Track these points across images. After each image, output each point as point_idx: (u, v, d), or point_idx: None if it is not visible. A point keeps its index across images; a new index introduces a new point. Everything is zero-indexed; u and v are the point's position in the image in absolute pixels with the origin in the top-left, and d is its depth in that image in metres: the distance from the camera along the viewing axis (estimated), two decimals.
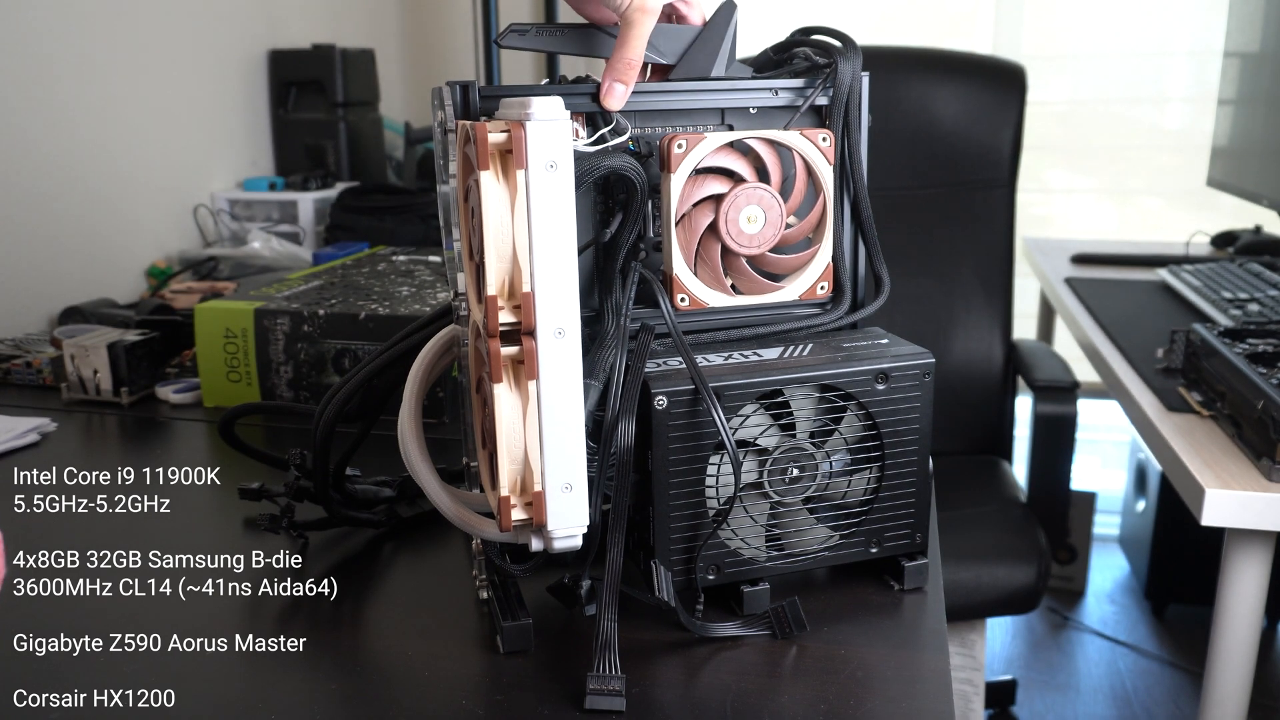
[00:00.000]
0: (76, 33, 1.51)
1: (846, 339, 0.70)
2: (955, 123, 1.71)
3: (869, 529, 0.68)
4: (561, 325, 0.55)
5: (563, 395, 0.55)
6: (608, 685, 0.57)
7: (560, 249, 0.54)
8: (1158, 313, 1.52)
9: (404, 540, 0.80)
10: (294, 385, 1.06)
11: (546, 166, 0.53)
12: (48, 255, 1.44)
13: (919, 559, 0.69)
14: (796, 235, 0.69)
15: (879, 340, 0.69)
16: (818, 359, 0.66)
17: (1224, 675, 1.00)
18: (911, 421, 0.67)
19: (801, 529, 0.67)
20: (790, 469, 0.65)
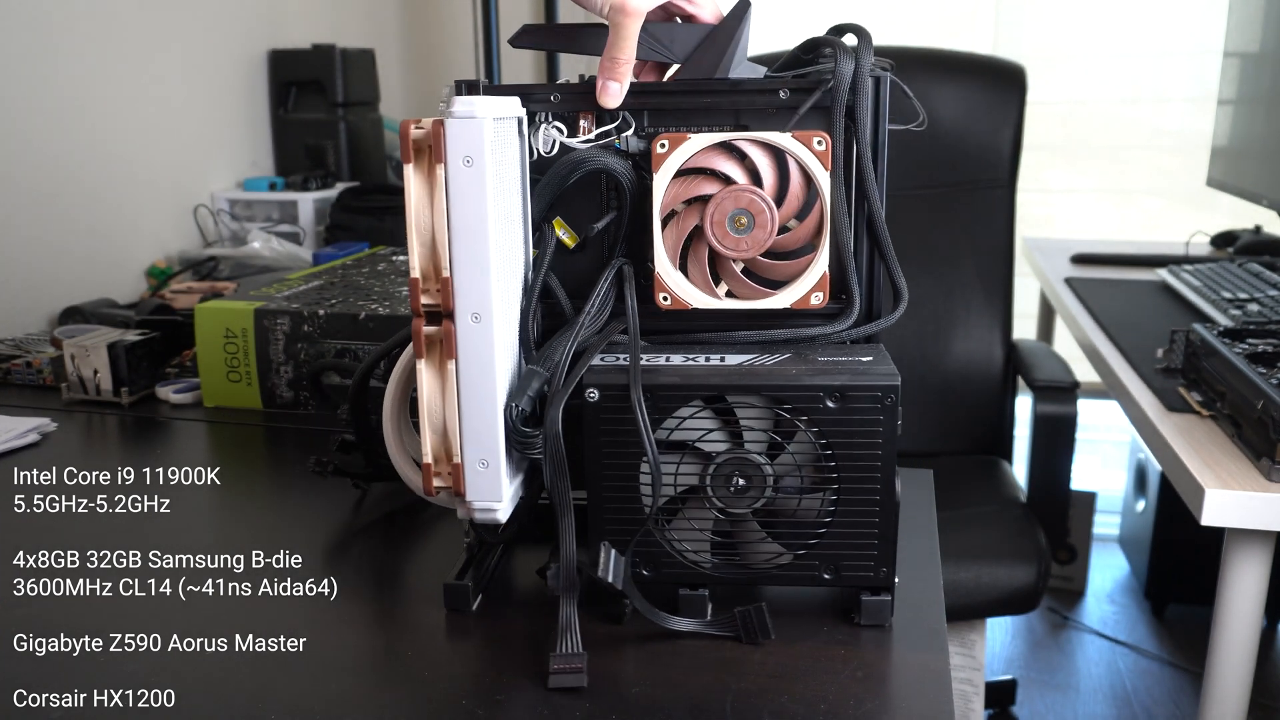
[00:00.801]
0: (76, 33, 1.51)
1: (831, 352, 0.66)
2: (955, 123, 1.71)
3: (823, 554, 0.64)
4: (477, 310, 0.59)
5: (478, 376, 0.60)
6: (569, 664, 0.59)
7: (475, 238, 0.58)
8: (1158, 313, 1.52)
9: (405, 540, 0.80)
10: (294, 385, 1.06)
11: (462, 161, 0.57)
12: (48, 255, 1.44)
13: (882, 594, 0.64)
14: (792, 241, 0.67)
15: (862, 357, 0.64)
16: (775, 369, 0.63)
17: (1224, 675, 1.00)
18: (870, 446, 0.62)
19: (749, 541, 0.64)
20: (735, 478, 0.63)
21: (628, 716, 0.56)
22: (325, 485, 0.93)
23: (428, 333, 0.59)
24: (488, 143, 0.57)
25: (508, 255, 0.63)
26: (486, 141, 0.57)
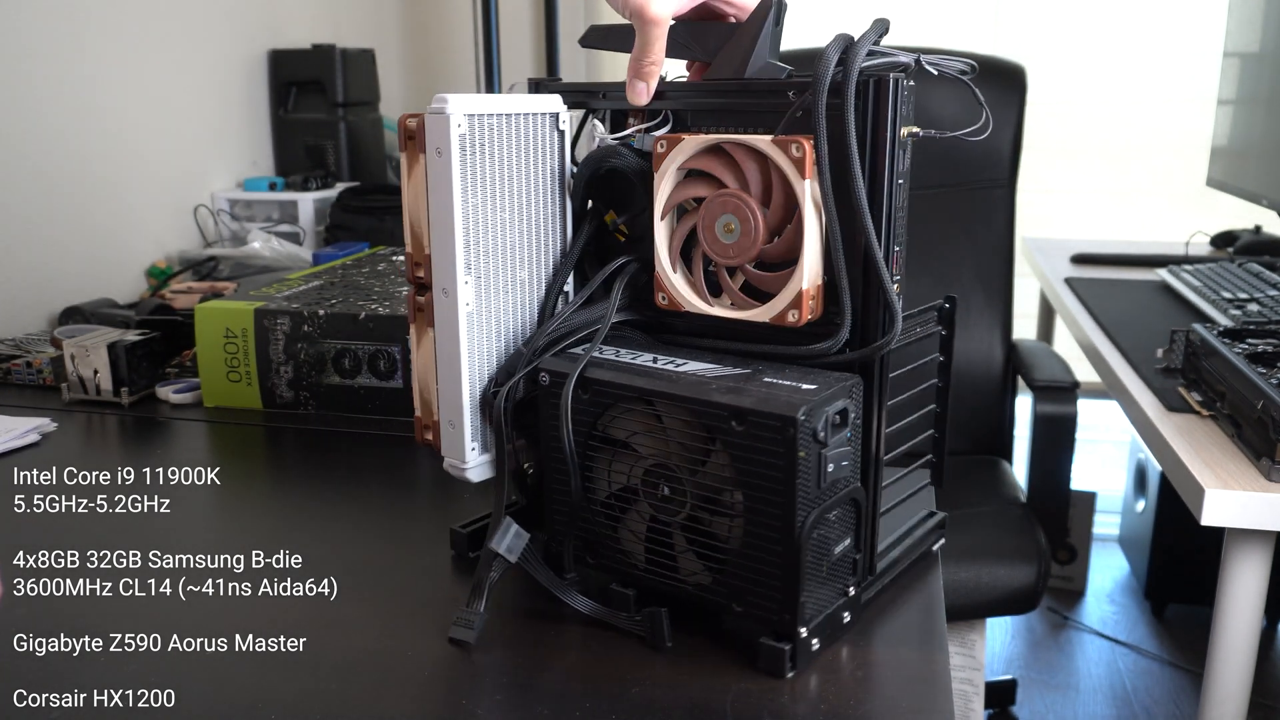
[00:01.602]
0: (76, 33, 1.51)
1: (789, 373, 0.62)
2: (955, 123, 1.70)
3: (731, 582, 0.61)
4: (445, 285, 0.66)
5: (447, 344, 0.67)
6: (467, 619, 0.63)
7: (443, 221, 0.65)
8: (1158, 313, 1.52)
9: (405, 540, 0.80)
10: (294, 385, 1.06)
11: (434, 152, 0.64)
12: (48, 255, 1.44)
13: (784, 642, 0.59)
14: (775, 252, 0.64)
15: (805, 384, 0.60)
16: (706, 382, 0.61)
17: (1224, 675, 1.00)
18: (771, 479, 0.57)
19: (676, 552, 0.63)
20: (662, 486, 0.63)
21: (628, 716, 0.56)
22: (325, 485, 0.93)
23: (418, 301, 0.68)
24: (454, 136, 0.63)
25: (497, 237, 0.68)
26: (453, 135, 0.63)
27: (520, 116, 0.68)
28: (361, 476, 0.94)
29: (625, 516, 0.65)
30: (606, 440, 0.64)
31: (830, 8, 2.47)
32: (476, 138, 0.65)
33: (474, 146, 0.65)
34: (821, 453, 0.58)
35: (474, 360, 0.67)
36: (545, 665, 0.61)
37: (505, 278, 0.69)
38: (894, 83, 0.60)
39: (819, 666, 0.61)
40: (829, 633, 0.62)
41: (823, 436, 0.57)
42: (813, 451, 0.57)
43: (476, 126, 0.65)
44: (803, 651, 0.59)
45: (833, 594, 0.62)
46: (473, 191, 0.65)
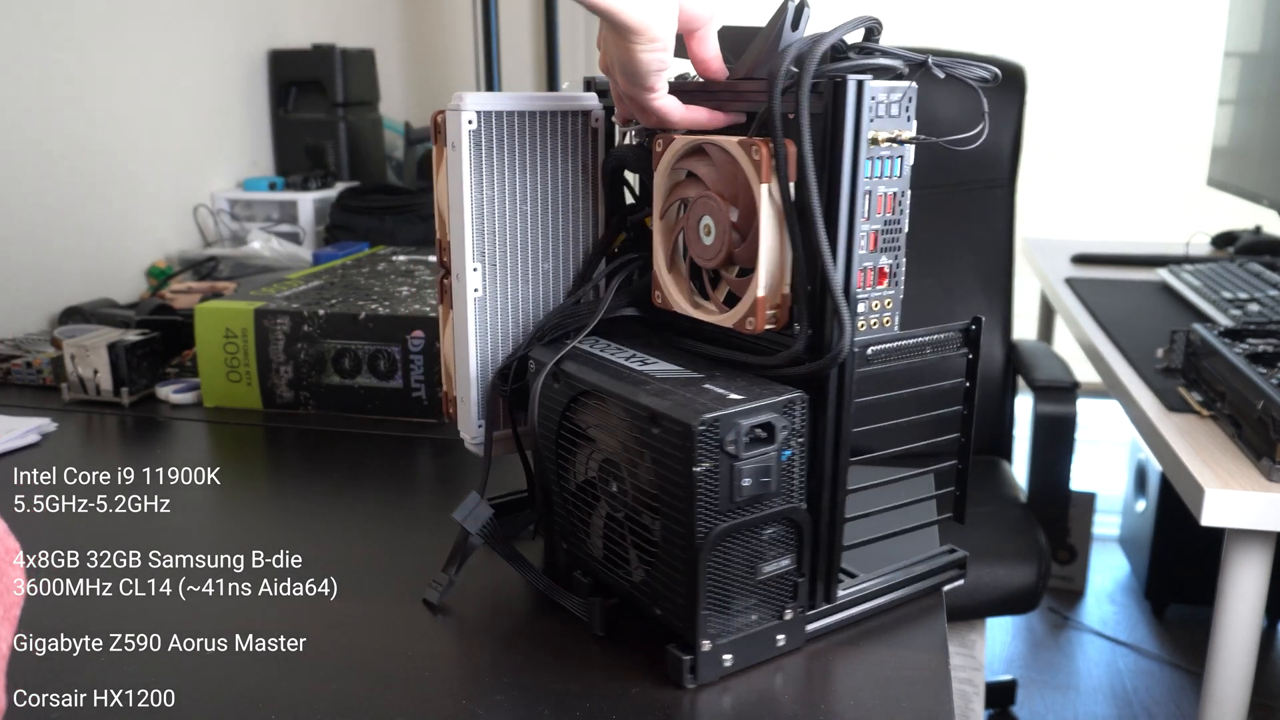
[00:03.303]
0: (77, 33, 1.50)
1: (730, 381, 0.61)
2: (955, 123, 1.70)
3: (654, 584, 0.61)
4: (458, 270, 0.71)
5: (459, 325, 0.73)
6: (438, 582, 0.68)
7: (456, 211, 0.70)
8: (1158, 313, 1.52)
9: (405, 540, 0.80)
10: (294, 385, 1.06)
11: (450, 145, 0.69)
12: (48, 255, 1.44)
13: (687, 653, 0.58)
14: (744, 257, 0.62)
15: (732, 394, 0.58)
16: (647, 382, 0.61)
17: (1224, 675, 1.00)
18: (676, 486, 0.57)
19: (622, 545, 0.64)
20: (612, 480, 0.63)
21: (628, 716, 0.56)
22: (325, 485, 0.93)
23: (444, 284, 0.74)
24: (464, 132, 0.69)
25: (516, 229, 0.73)
26: (464, 131, 0.68)
27: (547, 115, 0.72)
28: (361, 476, 0.94)
29: (589, 507, 0.66)
30: (572, 431, 0.66)
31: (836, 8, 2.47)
32: (494, 134, 0.70)
33: (488, 142, 0.70)
34: (734, 465, 0.56)
35: (484, 343, 0.72)
36: (545, 665, 0.61)
37: (525, 268, 0.73)
38: (856, 86, 0.57)
39: (819, 667, 0.61)
40: (752, 652, 0.60)
41: (732, 449, 0.56)
42: (722, 463, 0.56)
43: (493, 123, 0.69)
44: (708, 664, 0.58)
45: (764, 614, 0.60)
46: (488, 184, 0.70)
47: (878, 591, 0.67)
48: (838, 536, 0.63)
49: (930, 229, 1.74)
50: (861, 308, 0.61)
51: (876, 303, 0.61)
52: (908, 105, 0.60)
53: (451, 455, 0.96)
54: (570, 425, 0.65)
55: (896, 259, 0.61)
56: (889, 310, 0.62)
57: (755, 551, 0.59)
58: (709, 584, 0.57)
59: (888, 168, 0.60)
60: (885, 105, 0.59)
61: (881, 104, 0.59)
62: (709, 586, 0.57)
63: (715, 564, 0.57)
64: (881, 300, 0.61)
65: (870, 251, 0.60)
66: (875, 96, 0.58)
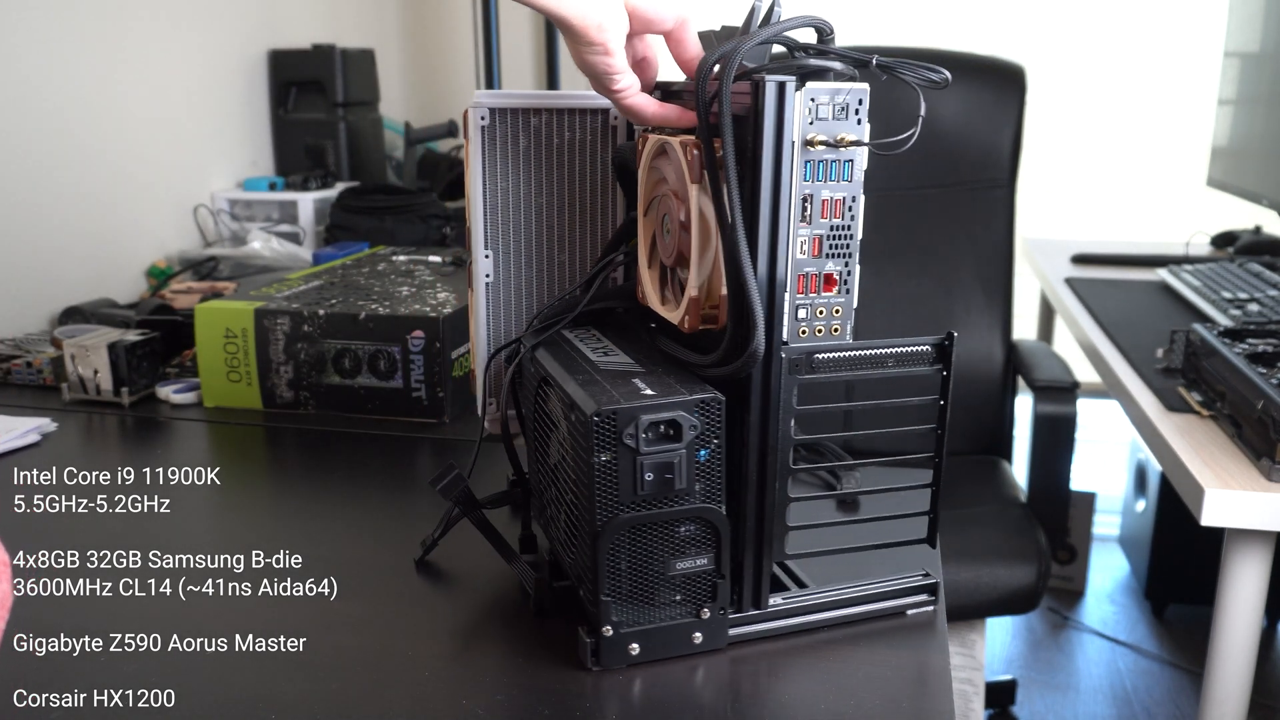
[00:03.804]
0: (76, 33, 1.50)
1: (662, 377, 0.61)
2: (955, 123, 1.71)
3: (575, 569, 0.63)
4: (472, 257, 0.76)
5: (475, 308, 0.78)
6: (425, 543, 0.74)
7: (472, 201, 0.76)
8: (1158, 313, 1.52)
9: (405, 540, 0.80)
10: (294, 385, 1.06)
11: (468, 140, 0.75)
12: (48, 255, 1.44)
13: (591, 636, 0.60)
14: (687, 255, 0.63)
15: (646, 389, 0.59)
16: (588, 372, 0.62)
17: (1224, 675, 1.00)
18: (580, 474, 0.58)
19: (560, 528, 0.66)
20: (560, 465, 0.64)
21: (628, 716, 0.56)
22: (325, 485, 0.93)
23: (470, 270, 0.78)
24: (475, 127, 0.73)
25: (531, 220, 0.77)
26: (474, 126, 0.73)
27: (564, 113, 0.75)
28: (361, 476, 0.94)
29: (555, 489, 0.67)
30: (544, 414, 0.67)
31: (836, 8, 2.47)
32: (508, 130, 0.74)
33: (500, 137, 0.74)
34: (637, 459, 0.56)
35: (495, 326, 0.78)
36: (545, 666, 0.61)
37: (540, 258, 0.77)
38: (777, 88, 0.56)
39: (820, 666, 0.61)
40: (663, 645, 0.61)
41: (631, 442, 0.56)
42: (624, 456, 0.56)
43: (506, 120, 0.73)
44: (610, 650, 0.60)
45: (678, 610, 0.61)
46: (501, 177, 0.75)
47: (824, 605, 0.65)
48: (766, 543, 0.62)
49: (930, 229, 1.74)
50: (803, 314, 0.60)
51: (822, 310, 0.60)
52: (857, 108, 0.58)
53: (452, 455, 0.96)
54: (541, 409, 0.67)
55: (847, 265, 0.60)
56: (838, 318, 0.60)
57: (669, 547, 0.59)
58: (614, 572, 0.59)
59: (833, 171, 0.58)
60: (828, 107, 0.57)
61: (824, 106, 0.57)
62: (613, 574, 0.59)
63: (621, 553, 0.59)
64: (829, 307, 0.60)
65: (813, 257, 0.59)
66: (816, 98, 0.57)
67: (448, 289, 1.14)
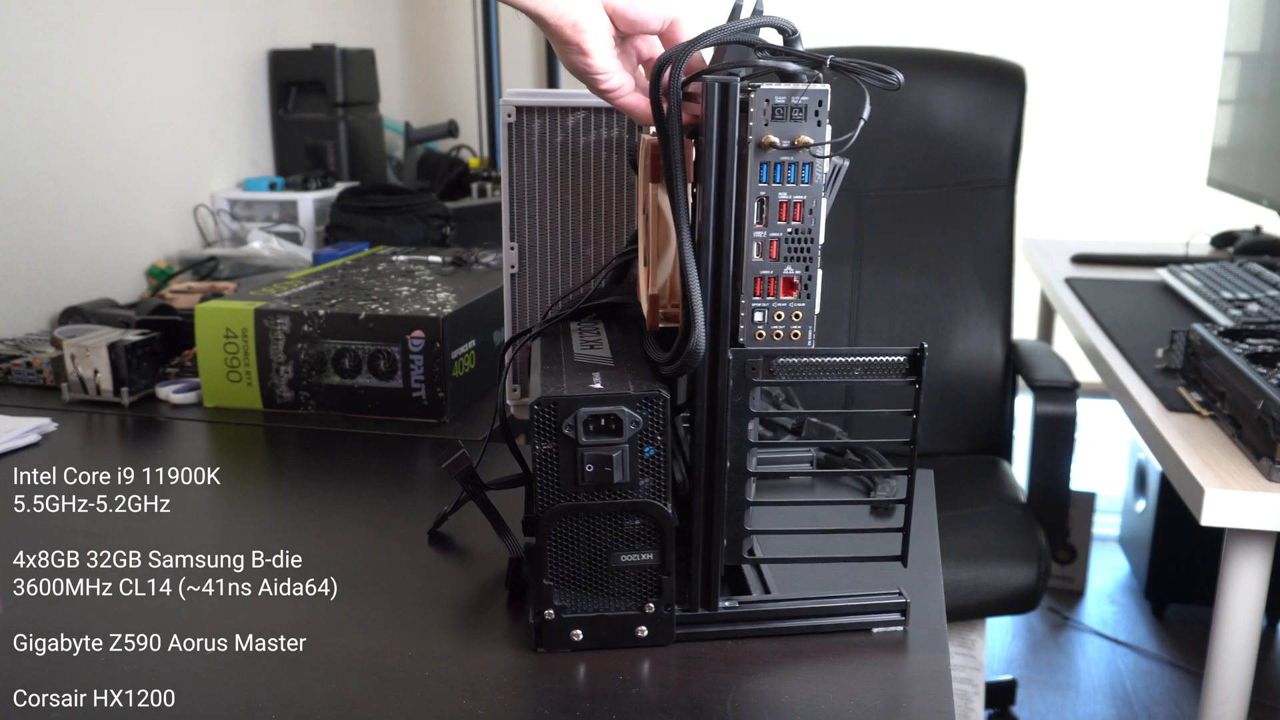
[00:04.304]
0: (77, 33, 1.50)
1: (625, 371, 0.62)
2: (955, 123, 1.71)
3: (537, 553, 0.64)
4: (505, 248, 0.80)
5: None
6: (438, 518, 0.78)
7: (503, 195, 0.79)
8: (1158, 313, 1.52)
9: (405, 540, 0.80)
10: (294, 385, 1.06)
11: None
12: (48, 255, 1.44)
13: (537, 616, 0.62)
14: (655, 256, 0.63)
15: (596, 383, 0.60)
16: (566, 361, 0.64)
17: (1224, 675, 1.00)
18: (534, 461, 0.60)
19: None
20: None
21: (628, 716, 0.56)
22: (325, 485, 0.93)
23: None
24: (502, 125, 0.76)
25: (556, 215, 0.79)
26: (501, 123, 0.76)
27: (590, 111, 0.77)
28: (361, 476, 0.94)
29: None
30: None
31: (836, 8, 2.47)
32: (535, 128, 0.76)
33: (527, 135, 0.76)
34: (577, 450, 0.58)
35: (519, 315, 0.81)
36: (545, 665, 0.61)
37: (565, 252, 0.80)
38: (720, 89, 0.56)
39: (820, 666, 0.61)
40: (607, 635, 0.61)
41: (570, 434, 0.57)
42: (565, 446, 0.58)
43: (533, 117, 0.76)
44: (552, 634, 0.61)
45: (623, 603, 0.61)
46: (527, 172, 0.77)
47: (784, 613, 0.65)
48: (716, 543, 0.62)
49: (930, 229, 1.74)
50: (760, 317, 0.59)
51: (780, 313, 0.59)
52: (816, 109, 0.56)
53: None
54: None
55: (807, 270, 0.59)
56: (798, 323, 0.60)
57: (617, 539, 0.60)
58: (558, 557, 0.60)
59: (791, 174, 0.57)
60: (785, 109, 0.56)
61: (780, 108, 0.56)
62: (557, 559, 0.60)
63: (564, 541, 0.60)
64: (788, 311, 0.59)
65: (771, 259, 0.59)
66: (772, 100, 0.56)
67: (448, 289, 1.14)
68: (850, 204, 1.71)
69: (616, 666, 0.61)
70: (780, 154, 0.57)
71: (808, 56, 0.57)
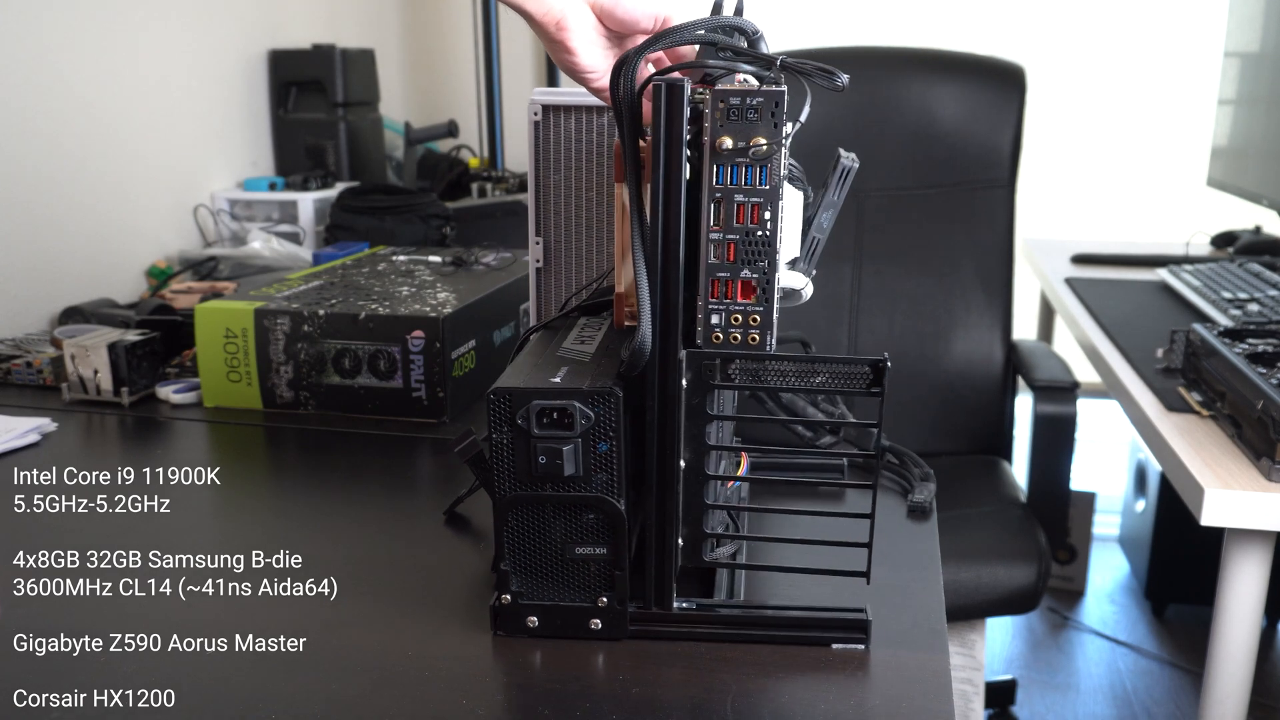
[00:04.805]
0: (77, 33, 1.50)
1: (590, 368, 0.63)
2: (955, 123, 1.71)
3: None
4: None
5: None
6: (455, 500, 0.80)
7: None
8: (1158, 313, 1.52)
9: (405, 540, 0.80)
10: (294, 385, 1.06)
11: None
12: (48, 255, 1.44)
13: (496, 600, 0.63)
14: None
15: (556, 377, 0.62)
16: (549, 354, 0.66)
17: (1224, 675, 1.00)
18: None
19: None
20: None
21: (628, 716, 0.56)
22: (325, 485, 0.93)
23: None
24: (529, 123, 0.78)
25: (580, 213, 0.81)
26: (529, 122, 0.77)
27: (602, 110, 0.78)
28: (361, 476, 0.94)
29: None
30: None
31: (837, 8, 2.47)
32: (560, 127, 0.78)
33: (552, 133, 0.78)
34: (530, 441, 0.59)
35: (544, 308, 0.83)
36: (545, 665, 0.61)
37: (589, 248, 0.81)
38: (666, 90, 0.56)
39: (819, 666, 0.61)
40: (560, 624, 0.63)
41: (524, 425, 0.59)
42: (519, 436, 0.59)
43: (560, 116, 0.78)
44: (508, 619, 0.63)
45: (578, 594, 0.62)
46: (555, 169, 0.79)
47: (740, 620, 0.64)
48: (670, 543, 0.62)
49: (930, 229, 1.74)
50: (716, 319, 0.59)
51: (738, 316, 0.59)
52: (771, 110, 0.56)
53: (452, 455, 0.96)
54: None
55: (765, 273, 0.58)
56: (755, 327, 0.59)
57: (573, 530, 0.61)
58: (513, 545, 0.62)
59: (748, 176, 0.57)
60: (740, 110, 0.56)
61: (735, 109, 0.56)
62: (512, 547, 0.62)
63: (521, 529, 0.62)
64: (745, 314, 0.59)
65: (728, 261, 0.58)
66: (727, 101, 0.56)
67: (448, 289, 1.14)
68: (850, 204, 1.71)
69: (617, 666, 0.61)
70: (734, 156, 0.57)
71: (759, 57, 0.57)
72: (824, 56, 1.83)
